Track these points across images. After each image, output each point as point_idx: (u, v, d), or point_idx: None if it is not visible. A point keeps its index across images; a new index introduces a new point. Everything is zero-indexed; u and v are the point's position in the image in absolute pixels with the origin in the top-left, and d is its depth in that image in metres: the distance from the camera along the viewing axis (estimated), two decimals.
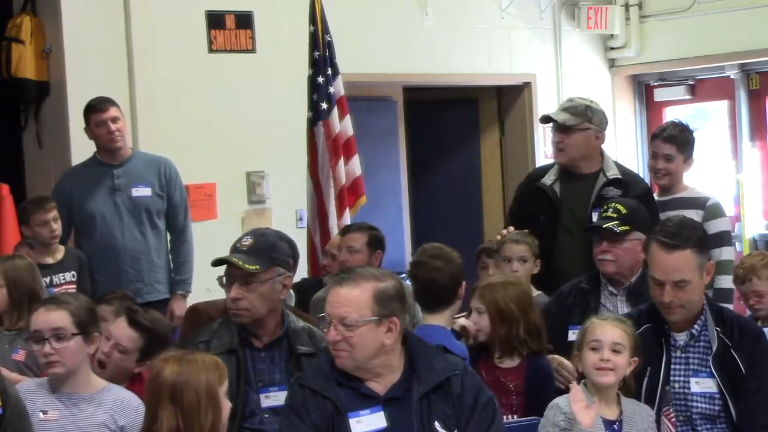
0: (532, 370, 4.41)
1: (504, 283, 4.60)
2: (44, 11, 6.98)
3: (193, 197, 6.85)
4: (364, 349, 3.58)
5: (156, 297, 6.24)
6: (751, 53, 8.64)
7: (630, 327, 3.96)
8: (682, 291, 4.01)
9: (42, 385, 3.91)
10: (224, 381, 3.49)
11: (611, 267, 4.75)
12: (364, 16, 8.05)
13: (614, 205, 4.87)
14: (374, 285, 3.63)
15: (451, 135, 9.35)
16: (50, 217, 5.88)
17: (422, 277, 4.63)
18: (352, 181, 6.91)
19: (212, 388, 3.43)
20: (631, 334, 3.92)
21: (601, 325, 3.94)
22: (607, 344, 3.87)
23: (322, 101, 6.77)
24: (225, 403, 3.48)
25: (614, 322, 3.97)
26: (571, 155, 5.50)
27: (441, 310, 4.55)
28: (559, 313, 4.78)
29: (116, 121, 6.15)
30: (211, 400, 3.42)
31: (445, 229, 9.22)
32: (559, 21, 9.10)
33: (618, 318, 4.06)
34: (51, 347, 3.83)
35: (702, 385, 3.99)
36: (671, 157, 5.79)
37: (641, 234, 4.64)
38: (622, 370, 3.88)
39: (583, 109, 5.51)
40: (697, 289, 4.05)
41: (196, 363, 3.45)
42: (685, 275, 4.00)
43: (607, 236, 4.74)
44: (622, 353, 3.87)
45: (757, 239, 8.72)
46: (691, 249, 4.03)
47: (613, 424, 3.85)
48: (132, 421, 3.85)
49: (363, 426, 3.57)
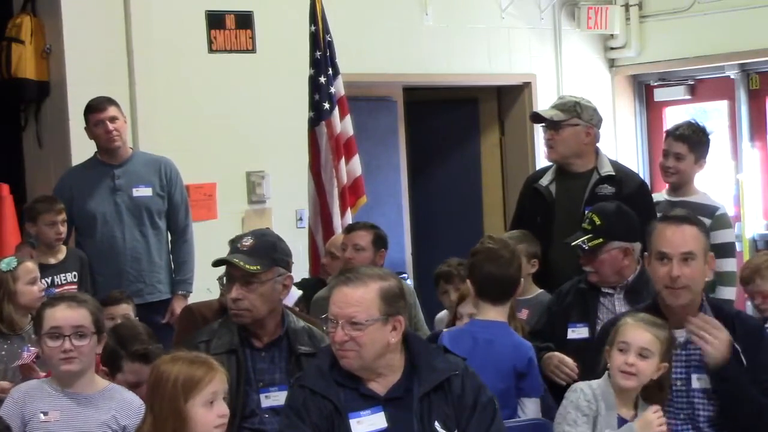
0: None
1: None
2: (44, 11, 6.98)
3: (193, 197, 6.85)
4: (372, 348, 3.58)
5: (157, 297, 6.24)
6: (751, 53, 8.64)
7: (663, 331, 3.85)
8: (689, 267, 3.97)
9: (42, 386, 3.91)
10: (198, 394, 3.41)
11: (594, 277, 4.81)
12: (364, 16, 8.05)
13: (590, 216, 4.89)
14: (380, 284, 3.63)
15: (451, 135, 9.35)
16: (59, 219, 5.88)
17: (487, 269, 4.45)
18: (352, 181, 6.92)
19: (175, 402, 3.40)
20: (664, 339, 3.82)
21: (632, 327, 3.86)
22: (635, 348, 3.81)
23: (324, 101, 6.77)
24: (199, 415, 3.41)
25: (646, 325, 3.86)
26: (562, 152, 5.51)
27: (504, 303, 4.48)
28: (558, 311, 4.82)
29: (114, 120, 6.15)
30: (174, 413, 3.39)
31: (445, 229, 9.23)
32: (559, 21, 9.10)
33: (652, 321, 3.90)
34: (71, 344, 3.84)
35: (704, 382, 3.97)
36: (681, 156, 5.77)
37: (620, 242, 4.71)
38: (645, 376, 3.82)
39: (572, 105, 5.52)
40: (700, 271, 4.02)
41: (168, 376, 3.43)
42: (692, 248, 3.98)
43: (581, 251, 4.81)
44: (650, 359, 3.81)
45: (757, 239, 8.72)
46: (698, 228, 4.05)
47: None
48: (134, 422, 3.84)
49: (363, 426, 3.57)
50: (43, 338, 3.89)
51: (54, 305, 3.94)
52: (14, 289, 4.98)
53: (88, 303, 3.99)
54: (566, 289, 4.89)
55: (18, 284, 5.00)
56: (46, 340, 3.87)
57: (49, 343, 3.87)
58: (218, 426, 3.45)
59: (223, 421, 3.46)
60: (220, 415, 3.45)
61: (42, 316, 3.93)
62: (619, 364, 3.83)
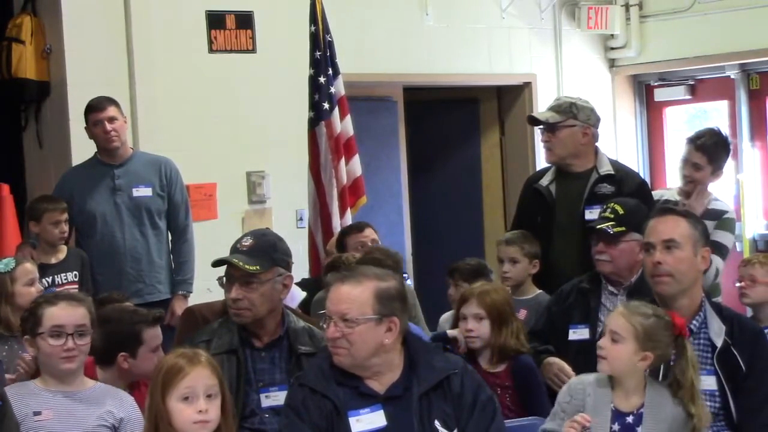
0: (519, 370, 4.52)
1: (495, 288, 4.70)
2: (44, 11, 6.98)
3: (193, 197, 6.85)
4: (363, 347, 3.59)
5: (157, 297, 6.24)
6: (751, 53, 8.64)
7: (648, 319, 3.72)
8: (671, 255, 4.01)
9: (28, 386, 3.89)
10: (173, 387, 3.40)
11: (608, 267, 4.78)
12: (364, 16, 8.05)
13: (612, 206, 4.88)
14: (376, 284, 3.64)
15: (451, 135, 9.35)
16: (63, 218, 5.91)
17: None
18: (352, 181, 6.91)
19: (155, 394, 3.42)
20: (644, 327, 3.70)
21: (614, 312, 3.83)
22: (607, 331, 3.77)
23: (323, 101, 6.77)
24: (176, 409, 3.40)
25: (626, 310, 3.78)
26: (559, 153, 5.50)
27: None
28: (559, 312, 4.81)
29: (113, 121, 6.15)
30: (155, 403, 3.41)
31: (445, 229, 9.23)
32: (559, 21, 9.10)
33: (639, 309, 3.78)
34: (74, 342, 3.86)
35: (701, 383, 3.98)
36: (699, 166, 5.66)
37: (639, 235, 4.60)
38: (618, 361, 3.72)
39: (568, 106, 5.52)
40: (688, 262, 4.03)
41: (160, 368, 3.47)
42: (674, 236, 4.03)
43: (603, 237, 4.78)
44: (620, 344, 3.71)
45: (757, 239, 8.73)
46: (687, 220, 4.07)
47: (627, 416, 3.73)
48: (130, 414, 3.88)
49: (363, 425, 3.57)
50: (43, 337, 3.88)
51: (54, 303, 3.93)
52: (12, 291, 4.95)
53: (86, 302, 4.01)
54: (567, 289, 4.88)
55: (16, 285, 4.98)
56: (47, 338, 3.86)
57: (50, 341, 3.86)
58: (198, 422, 3.40)
59: (202, 417, 3.41)
60: (198, 411, 3.40)
61: (40, 314, 3.91)
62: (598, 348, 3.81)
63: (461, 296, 4.75)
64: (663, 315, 3.79)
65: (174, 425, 3.40)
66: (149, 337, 4.29)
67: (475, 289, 4.65)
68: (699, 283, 4.14)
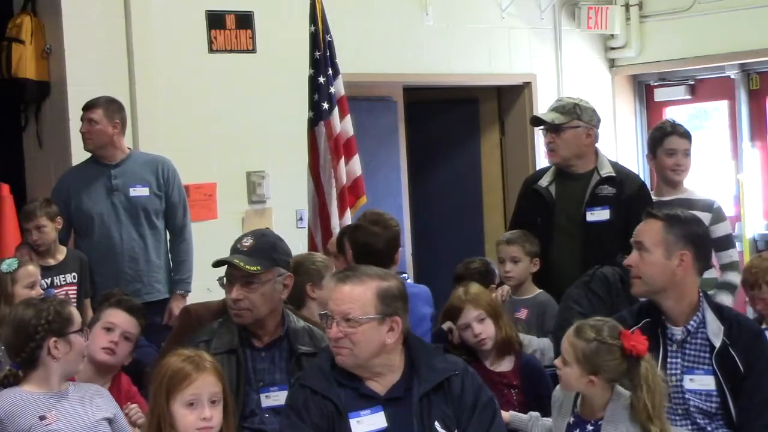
0: (526, 369, 4.55)
1: (477, 288, 4.70)
2: (44, 11, 6.98)
3: (193, 197, 6.85)
4: (366, 347, 3.59)
5: (155, 297, 6.23)
6: (751, 53, 8.64)
7: (585, 343, 3.69)
8: (640, 258, 4.05)
9: (20, 394, 3.82)
10: (178, 393, 3.43)
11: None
12: (364, 16, 8.05)
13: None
14: (378, 283, 3.64)
15: (451, 135, 9.35)
16: (32, 226, 5.84)
17: (360, 241, 5.05)
18: (352, 181, 6.90)
19: (158, 397, 3.45)
20: (581, 351, 3.67)
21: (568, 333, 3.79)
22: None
23: (323, 101, 6.77)
24: (179, 414, 3.43)
25: (570, 333, 3.74)
26: (563, 155, 5.50)
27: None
28: None
29: (92, 123, 6.12)
30: (158, 407, 3.45)
31: (445, 229, 9.24)
32: (559, 21, 9.10)
33: (579, 331, 3.73)
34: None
35: (697, 383, 3.97)
36: (689, 152, 5.74)
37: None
38: (567, 384, 3.74)
39: (572, 107, 5.51)
40: (657, 266, 4.01)
41: (164, 371, 3.49)
42: (643, 239, 4.06)
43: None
44: (567, 367, 3.71)
45: (757, 239, 8.72)
46: (663, 222, 4.06)
47: (587, 424, 3.75)
48: (116, 409, 3.93)
49: (363, 426, 3.57)
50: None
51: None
52: (11, 292, 4.95)
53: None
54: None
55: (16, 287, 4.97)
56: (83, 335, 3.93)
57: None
58: (200, 429, 3.43)
59: (205, 424, 3.43)
60: (202, 418, 3.43)
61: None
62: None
63: (449, 308, 4.68)
64: (607, 338, 3.69)
65: (176, 429, 3.42)
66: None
67: (464, 297, 4.62)
68: (687, 285, 4.05)
